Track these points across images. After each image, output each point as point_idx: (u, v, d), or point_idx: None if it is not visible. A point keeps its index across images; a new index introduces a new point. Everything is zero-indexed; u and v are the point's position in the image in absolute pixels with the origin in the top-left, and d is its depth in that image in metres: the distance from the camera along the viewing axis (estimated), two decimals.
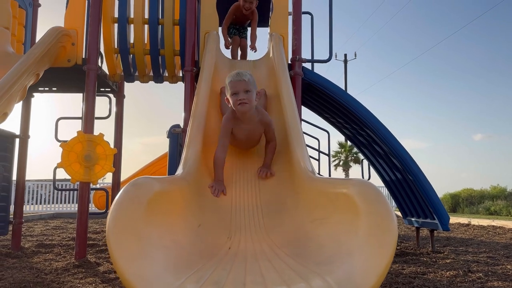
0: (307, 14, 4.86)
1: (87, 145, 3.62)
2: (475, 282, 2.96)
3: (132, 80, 4.50)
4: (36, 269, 3.27)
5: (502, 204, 14.44)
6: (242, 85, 2.44)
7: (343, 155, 27.21)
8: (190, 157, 2.28)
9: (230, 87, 2.47)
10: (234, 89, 2.44)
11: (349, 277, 1.23)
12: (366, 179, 4.40)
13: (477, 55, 54.88)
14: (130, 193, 1.37)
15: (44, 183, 14.22)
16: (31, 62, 3.39)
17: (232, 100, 2.47)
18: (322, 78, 4.30)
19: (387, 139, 4.21)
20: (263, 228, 2.03)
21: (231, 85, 2.46)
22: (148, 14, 4.13)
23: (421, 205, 4.47)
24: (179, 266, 1.33)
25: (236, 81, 2.44)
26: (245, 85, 2.44)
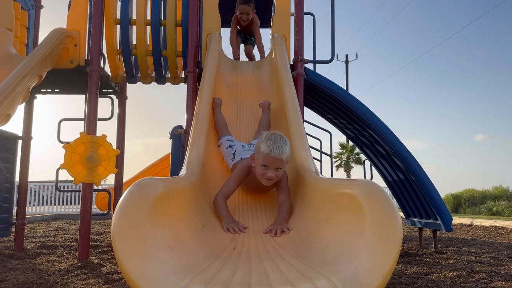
0: (309, 15, 4.86)
1: (89, 146, 3.63)
2: (479, 282, 2.95)
3: (135, 82, 4.51)
4: (39, 270, 3.27)
5: (504, 204, 14.40)
6: (277, 163, 2.15)
7: (345, 156, 27.19)
8: (194, 158, 2.28)
9: (263, 158, 2.15)
10: (267, 162, 2.15)
11: (355, 277, 1.23)
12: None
13: (478, 55, 54.82)
14: (135, 193, 1.37)
15: (46, 185, 14.24)
16: (34, 63, 3.40)
17: (260, 170, 2.18)
18: (324, 78, 4.30)
19: (389, 139, 4.21)
20: (265, 220, 2.04)
21: (265, 158, 2.14)
22: (150, 15, 4.14)
23: (424, 205, 4.46)
24: (184, 267, 1.33)
25: (273, 157, 2.12)
26: (280, 163, 2.16)
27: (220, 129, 3.02)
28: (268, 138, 2.16)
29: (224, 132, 2.98)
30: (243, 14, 4.33)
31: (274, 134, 2.20)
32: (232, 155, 2.67)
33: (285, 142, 2.18)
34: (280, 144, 2.13)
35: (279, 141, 2.14)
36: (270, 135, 2.19)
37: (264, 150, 2.13)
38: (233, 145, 2.76)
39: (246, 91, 3.64)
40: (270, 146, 2.12)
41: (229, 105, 3.40)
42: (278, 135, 2.19)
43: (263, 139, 2.18)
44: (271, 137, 2.16)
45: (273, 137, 2.16)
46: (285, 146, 2.16)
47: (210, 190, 2.29)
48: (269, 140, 2.15)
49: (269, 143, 2.13)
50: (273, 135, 2.18)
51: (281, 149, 2.12)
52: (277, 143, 2.13)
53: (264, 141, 2.17)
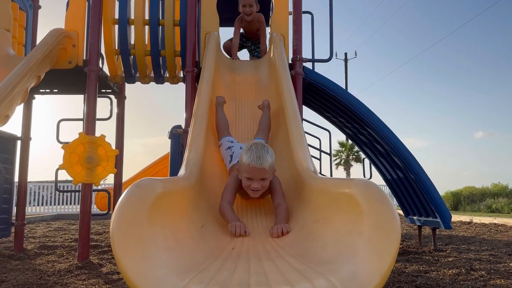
0: (308, 13, 4.86)
1: (88, 147, 3.63)
2: (478, 280, 2.96)
3: (133, 81, 4.51)
4: (39, 271, 3.27)
5: (503, 201, 14.43)
6: (260, 174, 2.11)
7: (344, 154, 27.19)
8: (193, 157, 2.28)
9: (246, 171, 2.13)
10: (250, 175, 2.12)
11: (353, 277, 1.23)
12: (368, 179, 4.40)
13: (477, 53, 54.85)
14: (134, 194, 1.37)
15: (46, 185, 14.24)
16: (32, 64, 3.39)
17: (245, 182, 2.16)
18: (323, 77, 4.31)
19: (388, 137, 4.21)
20: (266, 228, 2.04)
21: (248, 169, 2.11)
22: (149, 15, 4.14)
23: (423, 203, 4.47)
24: (183, 267, 1.33)
25: (254, 168, 2.09)
26: (263, 174, 2.12)
27: (221, 130, 2.97)
28: (249, 149, 2.13)
29: (225, 132, 2.94)
30: (246, 6, 4.19)
31: (255, 144, 2.17)
32: (230, 157, 2.65)
33: (266, 151, 2.13)
34: (261, 153, 2.09)
35: (260, 151, 2.10)
36: (251, 146, 2.15)
37: (245, 162, 2.11)
38: (232, 147, 2.72)
39: (245, 90, 3.64)
40: (250, 157, 2.09)
41: (228, 104, 3.40)
42: (259, 145, 2.15)
43: (244, 150, 2.15)
44: (252, 148, 2.12)
45: (254, 148, 2.12)
46: (267, 155, 2.11)
47: (209, 189, 2.30)
48: (249, 151, 2.11)
49: (250, 154, 2.10)
50: (254, 146, 2.14)
51: (262, 159, 2.08)
52: (258, 153, 2.09)
53: (245, 152, 2.13)
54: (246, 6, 4.20)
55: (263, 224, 2.11)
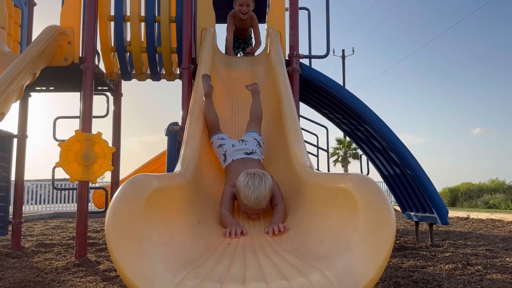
0: (304, 9, 4.85)
1: (85, 144, 3.62)
2: (474, 274, 2.97)
3: (130, 78, 4.50)
4: (36, 269, 3.27)
5: (501, 197, 14.47)
6: (259, 210, 2.11)
7: (342, 151, 27.22)
8: (189, 154, 2.27)
9: (243, 205, 2.09)
10: (247, 209, 2.10)
11: (348, 271, 1.23)
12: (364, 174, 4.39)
13: (474, 49, 54.89)
14: (128, 190, 1.37)
15: (43, 183, 14.21)
16: (28, 61, 3.38)
17: (244, 208, 2.12)
18: (320, 73, 4.30)
19: (385, 134, 4.22)
20: (262, 224, 2.04)
21: (245, 206, 2.08)
22: (144, 12, 4.12)
23: (420, 199, 4.48)
24: (178, 263, 1.33)
25: (252, 208, 2.06)
26: (261, 209, 2.10)
27: (211, 127, 2.85)
28: (246, 185, 2.04)
29: (215, 130, 2.83)
30: (243, 6, 4.12)
31: (252, 179, 2.06)
32: (224, 156, 2.61)
33: (264, 187, 2.04)
34: (259, 193, 2.02)
35: (258, 190, 2.03)
36: (247, 182, 2.05)
37: (243, 199, 2.06)
38: (224, 145, 2.67)
39: (241, 86, 3.62)
40: (248, 197, 2.03)
41: (224, 100, 3.40)
42: (257, 180, 2.05)
43: (242, 184, 2.06)
44: (249, 185, 2.04)
45: (251, 185, 2.04)
46: (265, 192, 2.04)
47: (206, 186, 2.30)
48: (247, 189, 2.03)
49: (248, 193, 2.03)
50: (251, 181, 2.05)
51: (259, 199, 2.03)
52: (256, 193, 2.02)
53: (242, 187, 2.05)
54: (244, 5, 4.13)
55: (260, 222, 2.11)
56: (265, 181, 2.08)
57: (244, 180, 2.07)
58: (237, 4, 4.18)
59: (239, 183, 2.09)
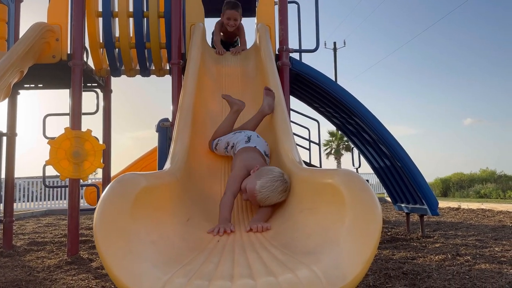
0: (294, 3, 4.84)
1: (75, 142, 3.60)
2: (463, 265, 3.02)
3: (119, 75, 4.47)
4: (28, 267, 3.26)
5: (492, 187, 14.63)
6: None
7: (335, 144, 27.34)
8: (178, 151, 2.28)
9: (253, 198, 2.09)
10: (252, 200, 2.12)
11: (336, 266, 1.25)
12: (351, 169, 4.43)
13: (465, 39, 55.18)
14: (116, 190, 1.37)
15: (35, 180, 14.12)
16: (14, 59, 3.35)
17: (249, 196, 2.13)
18: (310, 68, 4.31)
19: (375, 127, 4.24)
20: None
21: (253, 199, 2.09)
22: (133, 7, 4.09)
23: (410, 191, 4.52)
24: (167, 261, 1.33)
25: (259, 202, 2.08)
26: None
27: (219, 135, 2.78)
28: (275, 189, 2.03)
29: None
30: (230, 20, 4.06)
31: (279, 185, 2.04)
32: (232, 144, 2.62)
33: (283, 195, 2.04)
34: (276, 198, 2.03)
35: (278, 196, 2.03)
36: (276, 187, 2.03)
37: (258, 196, 2.05)
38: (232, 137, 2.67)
39: (231, 82, 3.62)
40: (266, 199, 2.03)
41: (214, 96, 3.39)
42: (281, 188, 2.04)
43: (268, 186, 2.03)
44: (277, 189, 2.03)
45: (276, 189, 2.03)
46: (279, 198, 2.04)
47: (196, 183, 2.30)
48: (271, 192, 2.02)
49: (269, 195, 2.02)
50: (278, 187, 2.03)
51: (272, 201, 2.04)
52: (275, 198, 2.03)
53: (268, 190, 2.03)
54: (231, 20, 4.07)
55: (249, 214, 2.12)
56: (287, 189, 2.05)
57: (272, 184, 2.02)
58: (225, 17, 4.09)
59: (266, 183, 2.03)
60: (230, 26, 4.10)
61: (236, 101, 2.94)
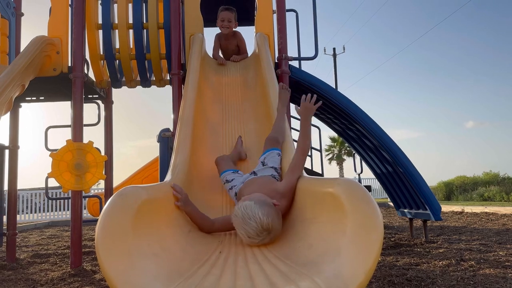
0: (292, 11, 4.87)
1: (77, 154, 3.62)
2: (467, 270, 3.00)
3: (120, 86, 4.50)
4: (31, 280, 3.26)
5: (495, 189, 14.58)
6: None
7: (336, 149, 27.31)
8: (179, 162, 2.28)
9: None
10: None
11: (337, 276, 1.25)
12: (354, 175, 4.41)
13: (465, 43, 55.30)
14: (117, 203, 1.38)
15: (38, 192, 14.14)
16: (15, 73, 3.37)
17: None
18: (309, 75, 4.33)
19: (376, 133, 4.25)
20: None
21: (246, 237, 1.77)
22: (132, 19, 4.12)
23: (413, 196, 4.51)
24: (169, 274, 1.34)
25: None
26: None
27: (221, 166, 2.61)
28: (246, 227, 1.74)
29: (224, 167, 2.57)
30: (224, 21, 4.07)
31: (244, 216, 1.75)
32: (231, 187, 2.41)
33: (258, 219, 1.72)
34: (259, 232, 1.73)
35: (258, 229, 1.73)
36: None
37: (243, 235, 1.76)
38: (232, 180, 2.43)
39: (231, 91, 3.64)
40: (246, 229, 1.74)
41: (215, 106, 3.41)
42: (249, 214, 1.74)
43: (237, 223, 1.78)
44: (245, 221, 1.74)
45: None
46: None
47: (196, 193, 2.30)
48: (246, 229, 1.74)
49: (246, 229, 1.74)
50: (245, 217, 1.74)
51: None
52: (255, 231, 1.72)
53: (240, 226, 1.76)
54: (225, 21, 4.07)
55: None
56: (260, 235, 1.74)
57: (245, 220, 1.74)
58: (219, 20, 4.12)
59: (246, 213, 1.76)
60: (224, 27, 4.11)
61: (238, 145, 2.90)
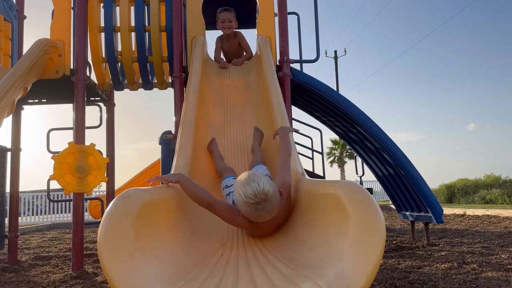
0: (294, 14, 4.87)
1: (79, 156, 3.62)
2: (469, 273, 2.99)
3: (122, 88, 4.50)
4: (33, 283, 3.26)
5: (497, 192, 14.52)
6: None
7: (338, 151, 27.29)
8: (181, 165, 2.29)
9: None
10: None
11: (340, 279, 1.25)
12: (355, 178, 4.41)
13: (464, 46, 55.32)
14: (119, 205, 1.38)
15: (40, 194, 14.15)
16: (18, 76, 3.38)
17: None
18: (311, 78, 4.33)
19: (377, 135, 4.24)
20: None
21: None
22: (134, 22, 4.13)
23: (415, 199, 4.50)
24: (171, 276, 1.34)
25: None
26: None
27: (220, 173, 2.62)
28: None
29: (225, 174, 2.55)
30: (225, 22, 4.09)
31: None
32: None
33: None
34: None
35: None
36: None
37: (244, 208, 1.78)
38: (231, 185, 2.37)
39: (233, 94, 3.65)
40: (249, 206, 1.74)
41: (216, 109, 3.41)
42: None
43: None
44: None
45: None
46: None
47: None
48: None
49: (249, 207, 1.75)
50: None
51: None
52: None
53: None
54: (225, 21, 4.10)
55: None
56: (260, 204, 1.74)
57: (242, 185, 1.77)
58: (219, 21, 4.14)
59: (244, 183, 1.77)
60: (226, 28, 4.13)
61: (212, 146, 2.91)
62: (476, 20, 55.45)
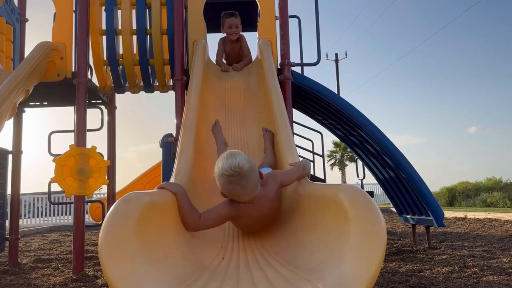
0: (295, 17, 4.89)
1: (80, 159, 3.63)
2: (471, 277, 2.99)
3: (123, 91, 4.51)
4: (34, 285, 3.26)
5: (498, 195, 14.50)
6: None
7: (339, 154, 27.30)
8: (182, 168, 2.29)
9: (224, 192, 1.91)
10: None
11: (340, 283, 1.24)
12: (356, 181, 4.40)
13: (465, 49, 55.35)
14: (120, 209, 1.38)
15: (41, 196, 14.16)
16: (20, 79, 3.39)
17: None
18: (312, 81, 4.34)
19: (378, 138, 4.25)
20: (256, 235, 2.05)
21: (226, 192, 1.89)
22: (136, 25, 4.15)
23: (416, 202, 4.50)
24: (172, 280, 1.34)
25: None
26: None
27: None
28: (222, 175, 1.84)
29: None
30: (232, 27, 4.07)
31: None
32: None
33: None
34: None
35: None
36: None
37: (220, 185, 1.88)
38: None
39: (234, 97, 3.65)
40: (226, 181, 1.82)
41: (218, 111, 3.42)
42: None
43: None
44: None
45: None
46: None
47: (199, 199, 2.30)
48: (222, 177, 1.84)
49: (222, 179, 1.83)
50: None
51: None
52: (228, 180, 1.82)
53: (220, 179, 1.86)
54: (232, 27, 4.08)
55: (255, 235, 2.11)
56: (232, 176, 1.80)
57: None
58: (225, 27, 4.11)
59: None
60: (233, 34, 4.11)
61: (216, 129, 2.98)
62: (477, 24, 55.56)
